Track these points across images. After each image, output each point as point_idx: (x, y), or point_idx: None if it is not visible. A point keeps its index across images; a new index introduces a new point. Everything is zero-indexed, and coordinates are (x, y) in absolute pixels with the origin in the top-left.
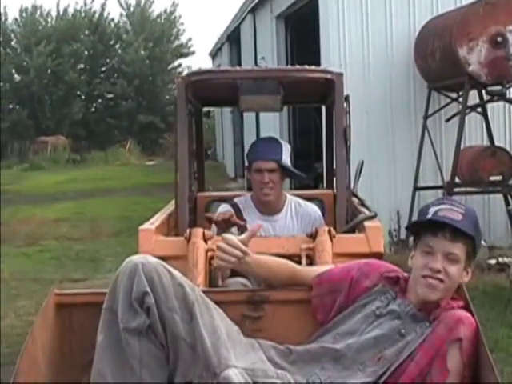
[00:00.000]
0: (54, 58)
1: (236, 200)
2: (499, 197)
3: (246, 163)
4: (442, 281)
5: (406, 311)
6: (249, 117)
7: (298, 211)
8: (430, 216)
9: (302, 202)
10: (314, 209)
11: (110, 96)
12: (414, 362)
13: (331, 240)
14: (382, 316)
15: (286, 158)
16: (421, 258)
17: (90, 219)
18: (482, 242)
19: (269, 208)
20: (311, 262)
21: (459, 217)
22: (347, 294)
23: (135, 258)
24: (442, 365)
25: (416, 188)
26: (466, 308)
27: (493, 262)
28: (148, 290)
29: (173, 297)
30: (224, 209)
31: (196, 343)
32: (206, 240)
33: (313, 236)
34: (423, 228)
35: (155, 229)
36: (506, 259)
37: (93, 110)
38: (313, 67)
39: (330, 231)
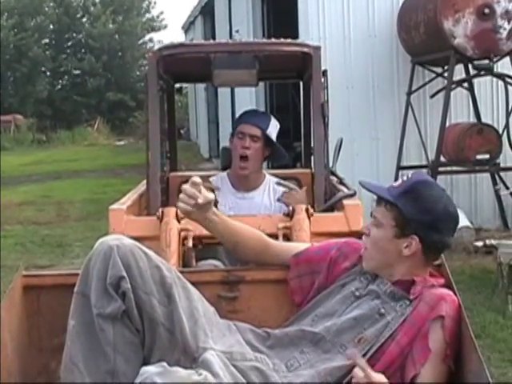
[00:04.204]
0: (17, 32)
1: (211, 179)
2: (486, 176)
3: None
4: (365, 248)
5: (384, 290)
6: (224, 94)
7: (276, 191)
8: None
9: (282, 181)
10: (293, 188)
11: (77, 72)
12: (394, 341)
13: (309, 219)
14: (361, 297)
15: (272, 132)
16: None
17: (57, 202)
18: (468, 224)
19: (246, 184)
20: (288, 241)
21: (398, 186)
22: (326, 274)
23: (109, 239)
24: (423, 344)
25: (399, 167)
26: (448, 286)
27: (479, 244)
28: (124, 274)
29: (150, 280)
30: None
31: (174, 327)
32: (179, 220)
33: (290, 215)
34: None
35: (126, 209)
36: (493, 241)
37: (59, 87)
38: (289, 40)
39: (307, 210)
